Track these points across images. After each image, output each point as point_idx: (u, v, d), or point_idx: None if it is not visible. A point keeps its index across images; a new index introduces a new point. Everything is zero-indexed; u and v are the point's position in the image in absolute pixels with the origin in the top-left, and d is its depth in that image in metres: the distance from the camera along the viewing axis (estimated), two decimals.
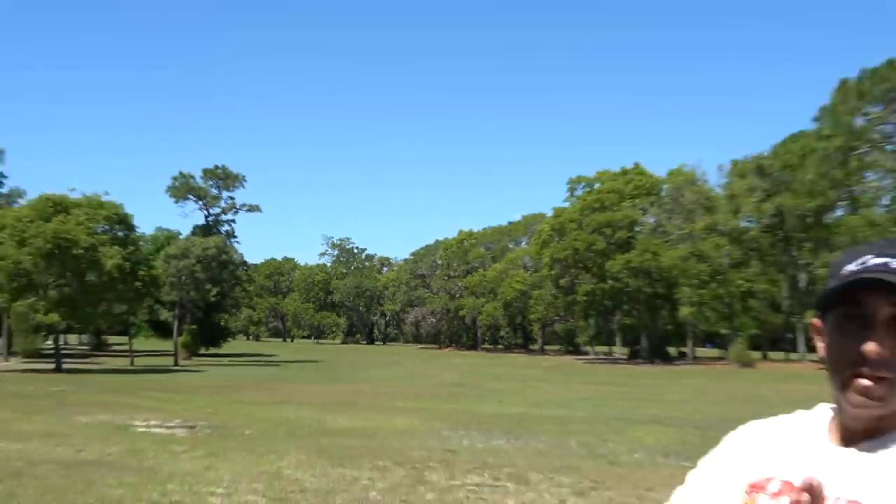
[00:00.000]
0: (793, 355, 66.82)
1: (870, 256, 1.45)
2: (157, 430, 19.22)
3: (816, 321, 1.53)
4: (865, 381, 1.39)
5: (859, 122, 47.51)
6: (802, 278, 58.54)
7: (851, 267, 1.45)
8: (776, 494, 1.49)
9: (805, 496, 1.31)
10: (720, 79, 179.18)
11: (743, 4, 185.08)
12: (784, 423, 1.66)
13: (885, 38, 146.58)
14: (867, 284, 1.40)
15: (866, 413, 1.43)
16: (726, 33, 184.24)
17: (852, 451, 1.46)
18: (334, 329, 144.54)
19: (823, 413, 1.59)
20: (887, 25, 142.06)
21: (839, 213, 49.52)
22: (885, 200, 50.06)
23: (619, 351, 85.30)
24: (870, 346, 1.37)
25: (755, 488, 1.53)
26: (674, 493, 1.77)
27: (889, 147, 48.46)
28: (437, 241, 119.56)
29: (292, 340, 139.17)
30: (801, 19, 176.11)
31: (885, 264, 1.40)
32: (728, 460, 1.68)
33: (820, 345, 1.52)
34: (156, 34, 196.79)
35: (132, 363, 55.94)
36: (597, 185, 74.97)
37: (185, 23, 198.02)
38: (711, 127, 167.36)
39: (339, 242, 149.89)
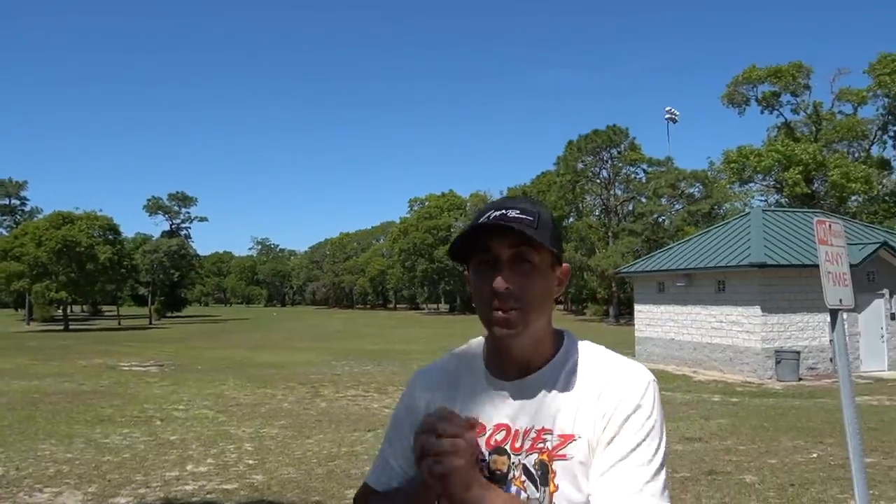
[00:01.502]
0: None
1: (492, 210, 1.14)
2: (137, 368, 18.46)
3: (467, 273, 1.18)
4: (501, 314, 1.09)
5: (580, 165, 49.75)
6: None
7: (480, 220, 1.13)
8: (445, 434, 1.01)
9: (470, 434, 1.03)
10: (499, 123, 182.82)
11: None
12: (455, 361, 1.25)
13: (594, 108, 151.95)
14: (487, 230, 1.10)
15: (508, 340, 1.10)
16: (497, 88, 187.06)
17: (521, 386, 1.13)
18: (259, 297, 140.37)
19: (477, 348, 1.24)
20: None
21: (571, 220, 51.76)
22: (597, 212, 52.95)
23: (443, 307, 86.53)
24: (497, 282, 1.08)
25: (425, 432, 1.03)
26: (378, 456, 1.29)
27: (598, 180, 51.00)
28: (326, 239, 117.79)
29: (230, 305, 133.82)
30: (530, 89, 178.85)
31: (503, 214, 1.11)
32: (405, 412, 1.24)
33: (470, 289, 1.16)
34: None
35: (119, 324, 52.91)
36: (426, 203, 75.67)
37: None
38: (497, 164, 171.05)
39: (262, 240, 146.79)
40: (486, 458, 1.11)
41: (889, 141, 37.64)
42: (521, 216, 1.11)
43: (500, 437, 1.12)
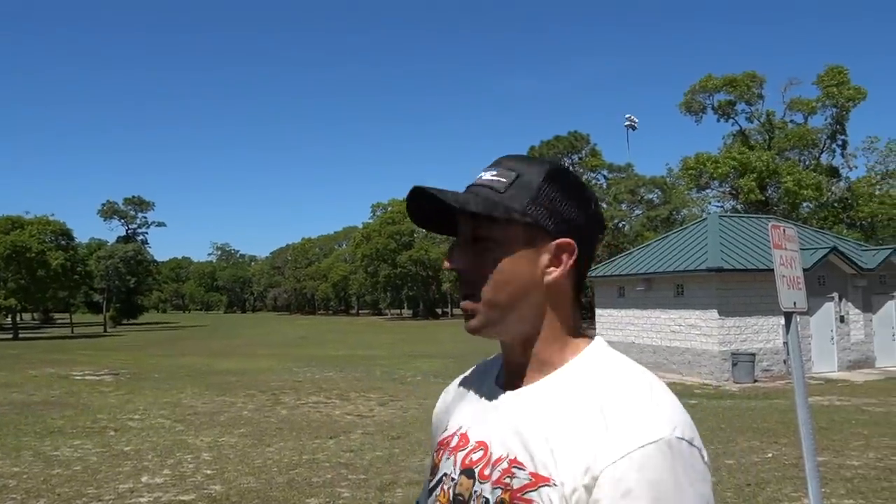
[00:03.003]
0: None
1: (481, 173, 0.90)
2: (90, 377, 17.81)
3: None
4: (462, 302, 0.89)
5: None
6: None
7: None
8: (455, 449, 0.93)
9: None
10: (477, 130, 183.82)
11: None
12: (483, 366, 1.05)
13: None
14: (414, 195, 0.88)
15: (472, 332, 0.89)
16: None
17: (510, 399, 0.89)
18: (219, 303, 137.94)
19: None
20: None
21: None
22: None
23: (406, 312, 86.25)
24: (444, 264, 0.88)
25: (441, 446, 0.97)
26: None
27: None
28: (287, 245, 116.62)
29: (189, 312, 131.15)
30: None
31: (479, 177, 0.89)
32: (435, 419, 1.08)
33: None
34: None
35: (72, 332, 51.29)
36: (389, 208, 75.44)
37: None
38: (460, 170, 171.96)
39: (221, 246, 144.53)
40: (456, 478, 0.90)
41: (837, 150, 38.96)
42: (492, 179, 0.87)
43: (476, 456, 0.89)
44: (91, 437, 9.11)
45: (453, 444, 0.94)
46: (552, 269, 0.87)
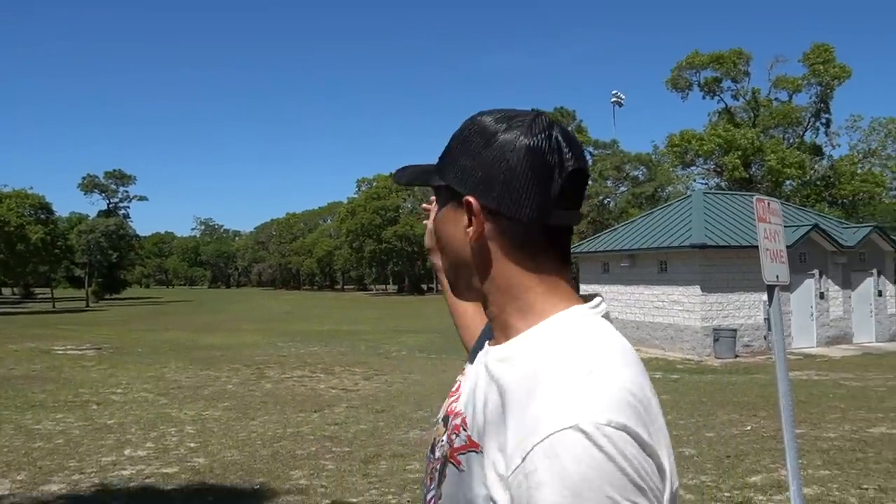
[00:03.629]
0: None
1: None
2: (72, 352, 17.66)
3: None
4: None
5: None
6: None
7: None
8: (451, 394, 0.91)
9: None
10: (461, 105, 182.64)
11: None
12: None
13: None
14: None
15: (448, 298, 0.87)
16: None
17: (486, 356, 0.83)
18: (203, 279, 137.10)
19: None
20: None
21: None
22: None
23: (391, 288, 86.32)
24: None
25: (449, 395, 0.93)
26: None
27: None
28: (272, 219, 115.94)
29: (173, 287, 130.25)
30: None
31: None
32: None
33: None
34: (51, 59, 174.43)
35: (54, 306, 50.67)
36: (374, 183, 75.04)
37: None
38: (444, 143, 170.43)
39: (205, 220, 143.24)
40: (439, 422, 0.89)
41: (821, 128, 39.20)
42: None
43: (455, 407, 0.86)
44: (73, 411, 9.05)
45: (453, 388, 0.92)
46: (470, 228, 0.80)
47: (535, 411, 0.68)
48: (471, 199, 0.78)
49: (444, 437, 0.84)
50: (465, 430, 0.79)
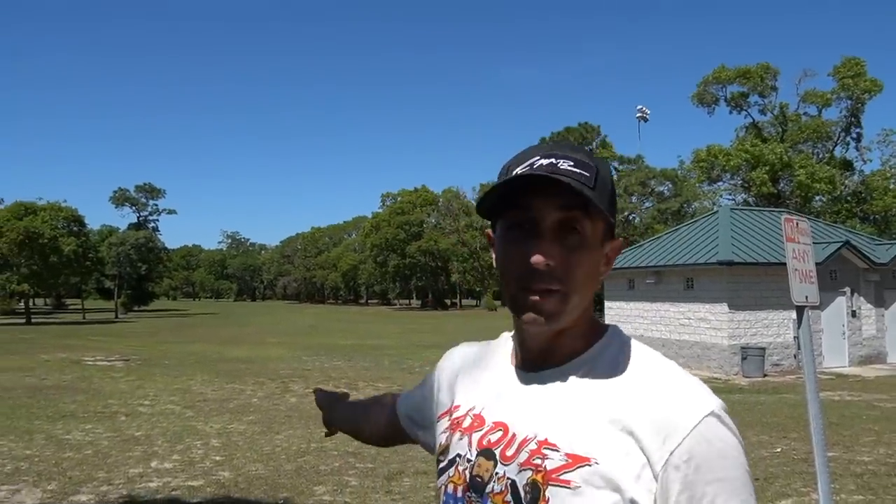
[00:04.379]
0: None
1: (537, 157, 0.86)
2: (102, 363, 17.98)
3: (489, 230, 0.95)
4: (535, 298, 0.83)
5: None
6: None
7: (519, 169, 0.85)
8: (469, 430, 0.91)
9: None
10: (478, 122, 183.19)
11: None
12: (486, 346, 1.05)
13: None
14: (530, 183, 0.83)
15: (537, 329, 0.86)
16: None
17: (533, 381, 0.89)
18: (229, 291, 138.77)
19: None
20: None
21: None
22: None
23: (415, 302, 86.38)
24: (535, 258, 0.82)
25: (452, 426, 0.95)
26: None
27: None
28: (297, 234, 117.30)
29: (199, 300, 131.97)
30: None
31: (552, 164, 0.84)
32: (441, 375, 1.11)
33: (494, 256, 0.92)
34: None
35: (84, 317, 51.71)
36: (399, 198, 75.41)
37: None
38: (470, 160, 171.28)
39: (231, 234, 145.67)
40: (473, 459, 0.88)
41: (852, 143, 38.54)
42: (575, 170, 0.83)
43: (494, 437, 0.88)
44: (102, 422, 9.20)
45: (466, 424, 0.93)
46: (606, 266, 0.90)
47: (666, 410, 0.79)
48: (622, 241, 0.93)
49: (511, 467, 0.84)
50: (554, 450, 0.81)
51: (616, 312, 21.19)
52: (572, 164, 0.85)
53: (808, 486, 5.90)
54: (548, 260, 0.82)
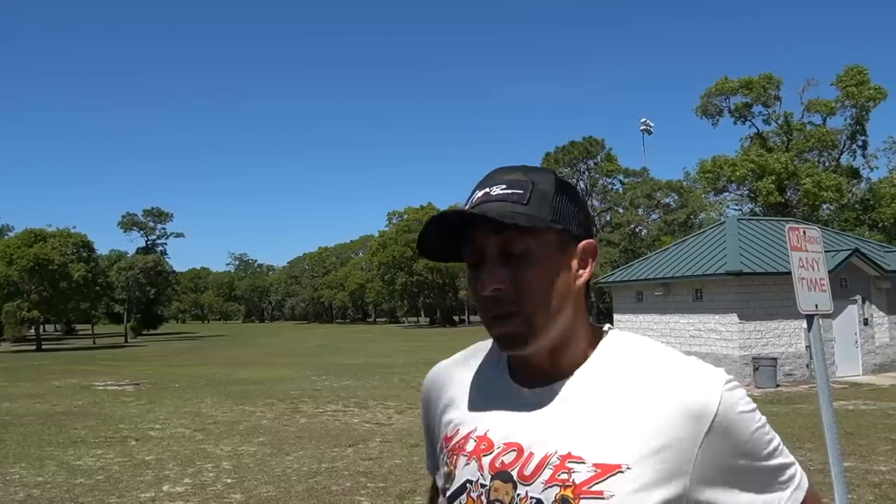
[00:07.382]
0: None
1: (475, 189, 0.89)
2: (112, 388, 17.98)
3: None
4: (498, 324, 0.85)
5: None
6: None
7: (460, 206, 0.89)
8: (475, 453, 0.88)
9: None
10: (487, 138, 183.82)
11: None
12: (465, 363, 1.02)
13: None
14: (462, 220, 0.86)
15: (519, 353, 0.87)
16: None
17: (540, 396, 0.87)
18: (237, 313, 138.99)
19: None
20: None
21: None
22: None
23: (423, 320, 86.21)
24: (484, 289, 0.84)
25: (454, 450, 0.91)
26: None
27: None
28: (304, 254, 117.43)
29: (208, 322, 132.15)
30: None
31: (486, 193, 0.86)
32: (427, 415, 1.08)
33: None
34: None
35: (94, 342, 51.91)
36: (405, 216, 75.61)
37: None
38: (475, 176, 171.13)
39: (239, 256, 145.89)
40: (488, 483, 0.85)
41: (857, 150, 38.46)
42: (507, 191, 0.85)
43: (508, 458, 0.85)
44: (113, 447, 9.19)
45: (470, 447, 0.89)
46: (581, 271, 0.90)
47: (687, 393, 0.82)
48: (594, 242, 0.92)
49: (535, 486, 0.82)
50: (580, 463, 0.80)
51: (625, 325, 21.08)
52: (504, 185, 0.86)
53: (825, 498, 5.81)
54: (496, 286, 0.84)
